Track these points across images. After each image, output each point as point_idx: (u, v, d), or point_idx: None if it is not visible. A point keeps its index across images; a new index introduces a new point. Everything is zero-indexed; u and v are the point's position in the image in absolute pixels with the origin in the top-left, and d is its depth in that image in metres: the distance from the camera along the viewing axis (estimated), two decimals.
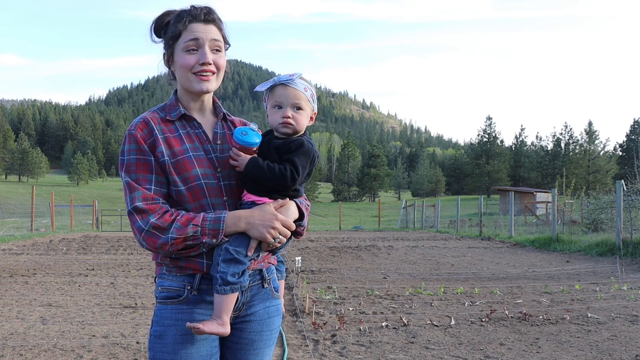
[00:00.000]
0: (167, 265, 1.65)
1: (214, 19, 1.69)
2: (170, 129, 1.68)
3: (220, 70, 1.70)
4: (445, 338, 4.67)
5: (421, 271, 9.24)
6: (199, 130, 1.71)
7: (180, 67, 1.67)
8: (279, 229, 1.61)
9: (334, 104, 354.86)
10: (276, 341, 4.48)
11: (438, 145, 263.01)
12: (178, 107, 1.71)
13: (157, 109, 1.74)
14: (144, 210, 1.56)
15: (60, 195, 52.42)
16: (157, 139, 1.64)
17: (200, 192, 1.62)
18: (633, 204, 12.51)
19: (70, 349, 4.22)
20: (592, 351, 4.29)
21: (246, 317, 1.71)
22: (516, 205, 32.87)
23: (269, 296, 1.77)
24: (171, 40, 1.68)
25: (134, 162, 1.61)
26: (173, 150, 1.64)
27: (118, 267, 9.36)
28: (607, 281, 7.90)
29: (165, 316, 1.63)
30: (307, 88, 1.72)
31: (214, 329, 1.57)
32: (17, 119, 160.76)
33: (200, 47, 1.65)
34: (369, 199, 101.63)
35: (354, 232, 23.17)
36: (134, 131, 1.63)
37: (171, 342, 1.61)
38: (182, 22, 1.65)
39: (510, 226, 18.10)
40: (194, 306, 1.63)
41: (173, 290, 1.63)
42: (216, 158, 1.69)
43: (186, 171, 1.62)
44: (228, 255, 1.57)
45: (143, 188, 1.59)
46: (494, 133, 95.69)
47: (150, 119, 1.67)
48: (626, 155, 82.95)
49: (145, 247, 1.59)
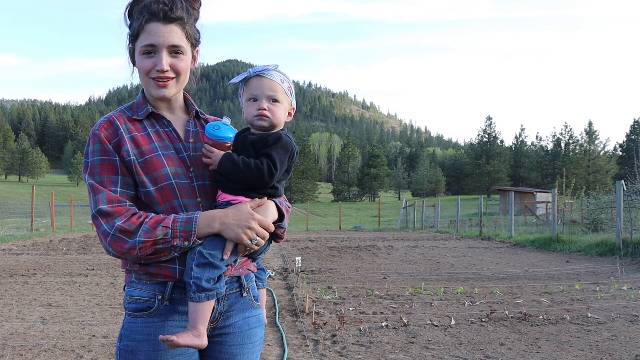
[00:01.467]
0: (137, 272, 1.53)
1: (177, 16, 1.53)
2: (138, 127, 1.58)
3: (180, 74, 1.57)
4: (445, 338, 4.67)
5: (421, 271, 9.24)
6: (169, 129, 1.61)
7: (139, 70, 1.58)
8: (255, 229, 1.49)
9: (333, 104, 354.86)
10: (276, 341, 4.48)
11: (438, 145, 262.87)
12: (145, 106, 1.61)
13: (124, 108, 1.64)
14: (109, 213, 1.45)
15: (60, 195, 52.38)
16: (123, 138, 1.53)
17: (171, 192, 1.52)
18: (633, 204, 12.51)
19: (70, 349, 4.22)
20: (592, 351, 4.29)
21: (224, 328, 1.59)
22: (516, 205, 32.87)
23: (249, 306, 1.64)
24: (131, 37, 1.58)
25: (98, 163, 1.51)
26: (141, 149, 1.53)
27: (118, 267, 9.35)
28: (607, 281, 7.90)
29: (135, 330, 1.51)
30: (283, 80, 1.62)
31: (189, 341, 1.43)
32: (17, 119, 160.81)
33: (157, 52, 1.53)
34: (369, 199, 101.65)
35: (354, 232, 23.16)
36: (97, 131, 1.52)
37: (144, 358, 1.49)
38: (140, 21, 1.52)
39: (510, 226, 18.10)
40: (166, 318, 1.51)
41: (142, 300, 1.51)
42: (188, 157, 1.58)
43: (155, 170, 1.52)
44: (202, 259, 1.45)
45: (108, 190, 1.48)
46: (494, 133, 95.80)
47: (116, 118, 1.57)
48: (626, 155, 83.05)
49: (111, 254, 1.47)
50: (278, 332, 4.75)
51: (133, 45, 1.58)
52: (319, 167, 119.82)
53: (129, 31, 1.59)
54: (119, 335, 1.56)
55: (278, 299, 6.26)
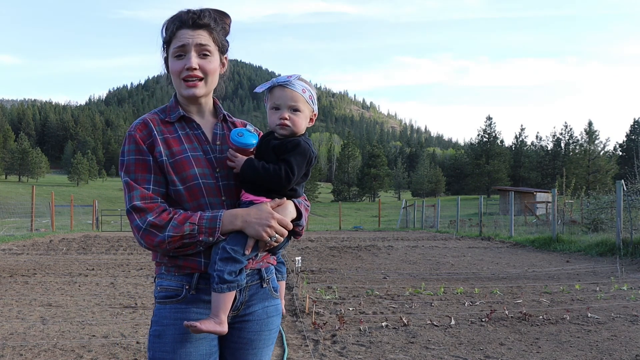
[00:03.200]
0: (166, 265, 1.66)
1: (204, 23, 1.68)
2: (170, 130, 1.70)
3: (209, 74, 1.70)
4: (445, 338, 4.67)
5: (421, 271, 9.24)
6: (198, 132, 1.73)
7: (171, 73, 1.71)
8: (275, 227, 1.62)
9: (333, 104, 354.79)
10: (276, 341, 4.49)
11: (438, 145, 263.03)
12: (177, 109, 1.73)
13: (157, 110, 1.76)
14: (142, 209, 1.58)
15: (60, 195, 52.43)
16: (156, 139, 1.66)
17: (198, 191, 1.64)
18: (633, 204, 12.51)
19: (70, 349, 4.22)
20: (592, 351, 4.29)
21: (245, 316, 1.73)
22: (516, 205, 32.87)
23: (268, 296, 1.78)
24: (165, 45, 1.72)
25: (133, 162, 1.63)
26: (172, 151, 1.66)
27: (118, 267, 9.36)
28: (607, 281, 7.90)
29: (164, 315, 1.64)
30: (305, 89, 1.71)
31: (211, 328, 1.57)
32: (17, 119, 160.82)
33: (186, 52, 1.66)
34: (369, 199, 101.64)
35: (354, 232, 23.17)
36: (133, 132, 1.65)
37: (170, 341, 1.62)
38: (171, 28, 1.68)
39: (510, 226, 18.10)
40: (191, 305, 1.64)
41: (171, 289, 1.65)
42: (215, 158, 1.70)
43: (184, 171, 1.64)
44: (225, 254, 1.58)
45: (142, 187, 1.61)
46: (494, 133, 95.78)
47: (150, 121, 1.69)
48: (626, 155, 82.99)
49: (143, 246, 1.61)
50: (278, 332, 4.75)
51: (167, 51, 1.72)
52: (319, 167, 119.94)
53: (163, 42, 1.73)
54: (151, 323, 1.69)
55: None
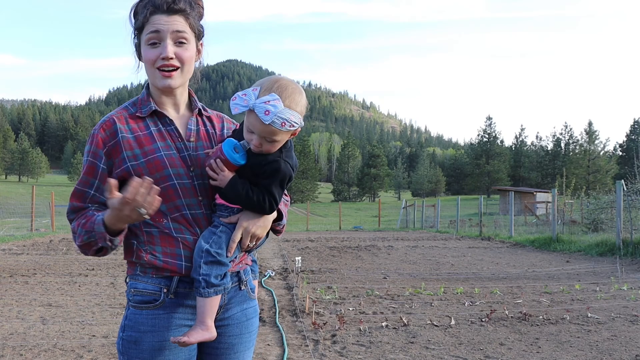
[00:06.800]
0: (142, 265, 1.57)
1: (180, 8, 1.55)
2: (141, 126, 1.60)
3: (185, 63, 1.57)
4: (445, 338, 4.67)
5: (421, 271, 9.24)
6: (171, 127, 1.62)
7: (144, 62, 1.58)
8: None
9: (333, 104, 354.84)
10: (276, 341, 4.48)
11: (438, 145, 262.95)
12: (149, 103, 1.61)
13: (128, 104, 1.65)
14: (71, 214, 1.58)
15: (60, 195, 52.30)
16: (121, 142, 1.55)
17: (173, 192, 1.55)
18: (633, 204, 12.51)
19: (70, 349, 4.22)
20: (592, 351, 4.29)
21: (224, 320, 1.65)
22: (516, 205, 32.87)
23: (246, 298, 1.72)
24: (137, 31, 1.59)
25: (86, 164, 1.57)
26: (144, 150, 1.56)
27: (118, 267, 9.36)
28: (607, 281, 7.90)
29: (140, 322, 1.55)
30: (285, 122, 1.47)
31: (200, 337, 1.50)
32: (17, 119, 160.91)
33: (161, 40, 1.53)
34: (369, 199, 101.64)
35: (354, 232, 23.16)
36: (97, 132, 1.57)
37: (148, 348, 1.54)
38: (144, 14, 1.54)
39: (510, 226, 18.10)
40: (171, 311, 1.56)
41: (148, 293, 1.55)
42: (189, 156, 1.60)
43: (157, 171, 1.54)
44: (210, 258, 1.52)
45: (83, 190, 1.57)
46: (494, 133, 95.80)
47: (117, 119, 1.58)
48: (626, 155, 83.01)
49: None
50: (278, 332, 4.75)
51: (138, 39, 1.59)
52: (319, 167, 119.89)
53: (133, 27, 1.60)
54: (121, 326, 1.59)
55: (278, 299, 6.26)
